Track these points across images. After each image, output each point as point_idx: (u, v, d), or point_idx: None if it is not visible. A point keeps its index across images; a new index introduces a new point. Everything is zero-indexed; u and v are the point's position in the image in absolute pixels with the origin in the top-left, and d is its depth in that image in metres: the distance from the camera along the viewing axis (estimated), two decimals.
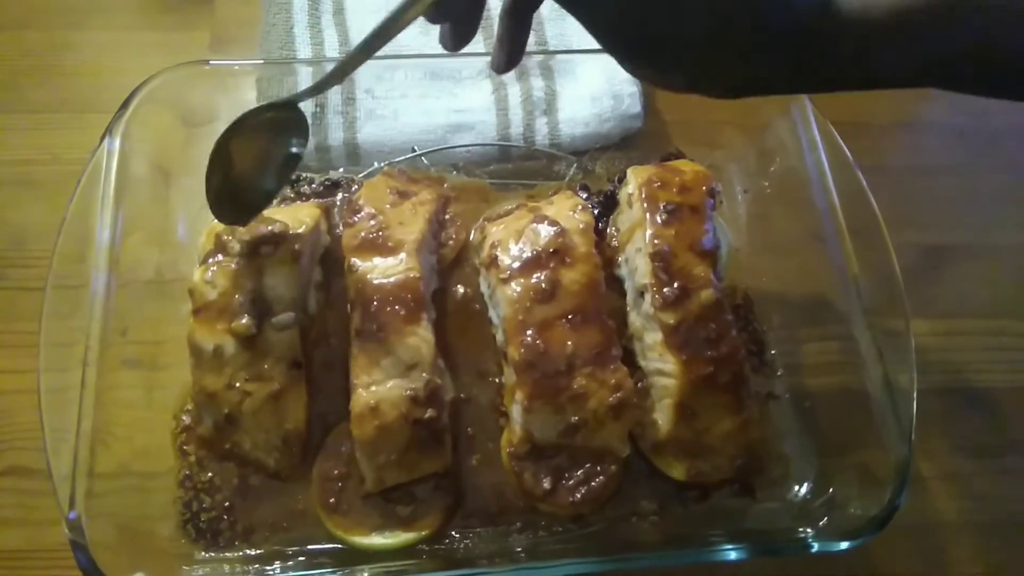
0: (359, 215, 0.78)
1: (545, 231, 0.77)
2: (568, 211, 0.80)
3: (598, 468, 0.73)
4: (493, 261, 0.77)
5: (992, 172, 1.06)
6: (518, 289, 0.74)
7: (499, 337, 0.78)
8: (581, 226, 0.78)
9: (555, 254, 0.75)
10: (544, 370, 0.71)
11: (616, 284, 0.84)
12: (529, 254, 0.76)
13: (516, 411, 0.73)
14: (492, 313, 0.80)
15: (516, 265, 0.76)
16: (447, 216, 0.86)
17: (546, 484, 0.72)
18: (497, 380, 0.80)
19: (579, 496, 0.72)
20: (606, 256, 0.84)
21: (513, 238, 0.78)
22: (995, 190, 1.05)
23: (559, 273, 0.74)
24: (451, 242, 0.84)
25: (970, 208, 1.03)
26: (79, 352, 0.69)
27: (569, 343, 0.71)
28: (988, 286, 0.97)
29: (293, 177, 0.89)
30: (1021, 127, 1.09)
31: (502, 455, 0.75)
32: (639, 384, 0.77)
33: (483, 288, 0.82)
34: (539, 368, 0.71)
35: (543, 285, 0.74)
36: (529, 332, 0.72)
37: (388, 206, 0.79)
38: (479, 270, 0.83)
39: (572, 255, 0.76)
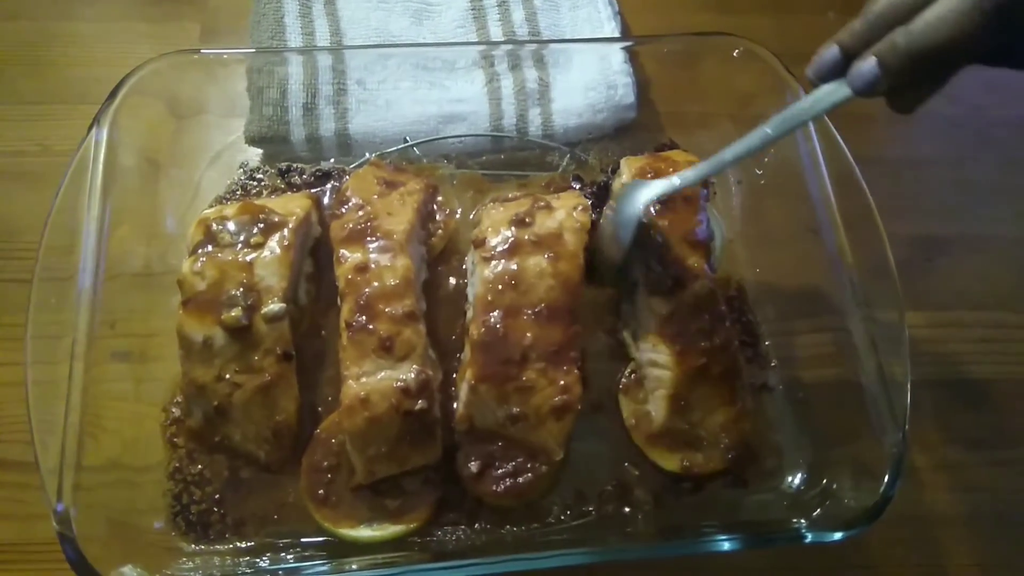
0: (347, 206, 0.78)
1: (540, 222, 0.76)
2: (569, 208, 0.79)
3: (528, 465, 0.72)
4: (482, 240, 0.76)
5: (986, 163, 1.06)
6: (496, 270, 0.73)
7: (469, 314, 0.77)
8: (576, 225, 0.77)
9: (540, 245, 0.74)
10: (498, 355, 0.70)
11: None
12: (516, 240, 0.75)
13: (464, 388, 0.72)
14: (469, 290, 0.79)
15: (500, 248, 0.75)
16: (435, 206, 0.85)
17: (473, 468, 0.71)
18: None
19: (502, 488, 0.71)
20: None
21: (507, 222, 0.77)
22: (989, 181, 1.04)
23: (540, 264, 0.73)
24: (440, 232, 0.83)
25: (965, 200, 1.03)
26: (67, 345, 0.69)
27: (529, 334, 0.70)
28: (982, 278, 0.97)
29: (284, 167, 0.88)
30: (1014, 119, 1.09)
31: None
32: (627, 378, 0.78)
33: (467, 264, 0.81)
34: (494, 352, 0.70)
35: (519, 272, 0.73)
36: (494, 314, 0.71)
37: (376, 197, 0.79)
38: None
39: (558, 251, 0.74)
